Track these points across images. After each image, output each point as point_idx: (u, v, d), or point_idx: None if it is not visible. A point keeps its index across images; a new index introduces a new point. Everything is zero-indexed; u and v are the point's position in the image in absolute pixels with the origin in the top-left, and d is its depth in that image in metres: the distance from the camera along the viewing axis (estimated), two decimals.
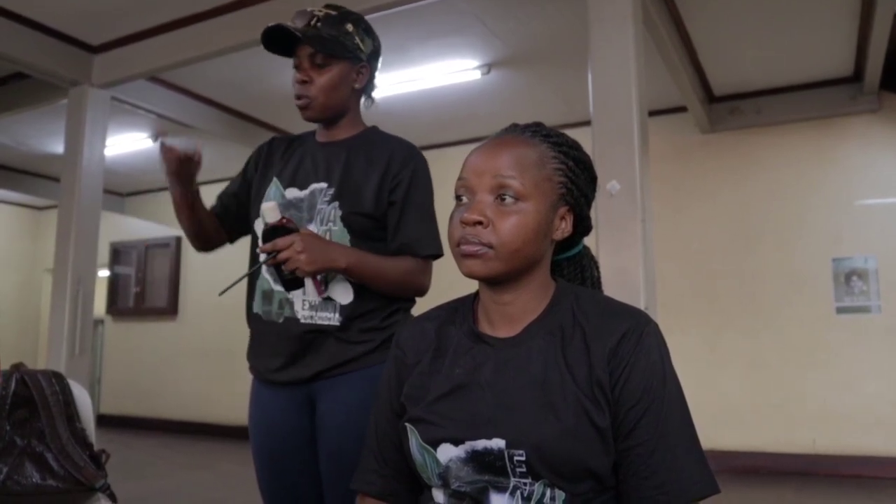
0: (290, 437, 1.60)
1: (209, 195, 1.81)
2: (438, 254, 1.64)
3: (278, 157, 1.74)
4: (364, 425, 1.19)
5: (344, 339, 1.56)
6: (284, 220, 1.51)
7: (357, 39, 1.65)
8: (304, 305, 1.57)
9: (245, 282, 1.70)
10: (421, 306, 1.41)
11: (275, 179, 1.69)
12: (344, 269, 1.51)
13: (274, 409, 1.63)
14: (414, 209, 1.62)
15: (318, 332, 1.56)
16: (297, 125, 1.73)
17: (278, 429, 1.62)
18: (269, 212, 1.50)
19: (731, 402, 5.27)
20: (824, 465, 4.95)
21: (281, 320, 1.59)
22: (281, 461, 1.62)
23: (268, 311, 1.62)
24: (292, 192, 1.65)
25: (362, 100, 1.76)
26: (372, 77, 1.73)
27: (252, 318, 1.68)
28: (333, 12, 1.64)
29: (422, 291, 1.66)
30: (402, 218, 1.61)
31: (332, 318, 1.56)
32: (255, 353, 1.67)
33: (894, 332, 4.94)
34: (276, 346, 1.60)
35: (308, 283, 1.54)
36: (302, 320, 1.56)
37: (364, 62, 1.68)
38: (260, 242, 1.54)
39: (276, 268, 1.50)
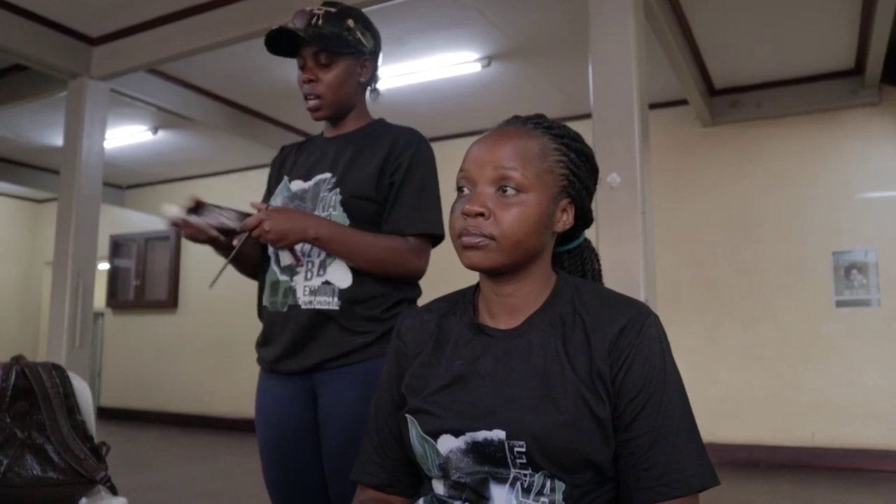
0: (295, 428, 1.61)
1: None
2: (429, 233, 1.62)
3: (290, 160, 1.78)
4: (365, 419, 1.19)
5: (346, 326, 1.56)
6: (191, 209, 1.55)
7: (358, 34, 1.66)
8: (305, 291, 1.58)
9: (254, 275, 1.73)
10: (422, 299, 1.40)
11: (285, 178, 1.72)
12: (314, 239, 1.52)
13: (279, 401, 1.64)
14: (408, 189, 1.62)
15: (319, 318, 1.56)
16: (298, 118, 1.74)
17: (284, 420, 1.62)
18: (168, 210, 1.54)
19: (729, 395, 5.28)
20: (823, 457, 4.97)
21: (285, 309, 1.60)
22: (286, 452, 1.62)
23: (274, 302, 1.63)
24: (297, 185, 1.67)
25: (367, 93, 1.77)
26: (375, 70, 1.75)
27: (262, 310, 1.70)
28: (333, 9, 1.65)
29: (413, 273, 1.62)
30: (396, 199, 1.61)
31: (330, 302, 1.56)
32: (262, 343, 1.69)
33: (893, 325, 4.95)
34: (279, 334, 1.61)
35: (287, 254, 1.59)
36: (303, 306, 1.57)
37: (367, 56, 1.70)
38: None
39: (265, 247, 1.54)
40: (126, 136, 6.43)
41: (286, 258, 1.60)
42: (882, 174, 5.10)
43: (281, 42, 1.65)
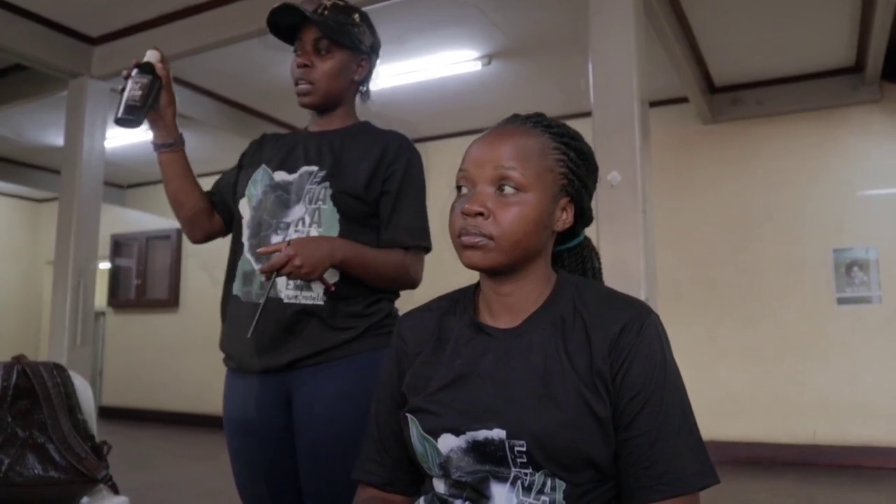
0: (267, 433, 1.56)
1: (208, 187, 1.81)
2: (429, 247, 1.64)
3: (269, 146, 1.74)
4: (345, 416, 1.17)
5: (329, 323, 1.52)
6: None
7: (362, 32, 1.66)
8: (289, 285, 1.52)
9: (224, 265, 1.67)
10: (420, 297, 1.40)
11: (263, 165, 1.67)
12: (340, 262, 1.48)
13: (249, 404, 1.57)
14: (408, 201, 1.60)
15: (302, 314, 1.52)
16: (297, 117, 1.73)
17: (254, 425, 1.57)
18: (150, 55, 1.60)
19: (731, 393, 5.28)
20: (825, 455, 4.97)
21: (262, 301, 1.49)
22: (254, 457, 1.58)
23: (247, 293, 1.57)
24: (281, 175, 1.63)
25: (357, 95, 1.75)
26: (370, 72, 1.73)
27: (230, 301, 1.62)
28: (341, 2, 1.65)
29: (415, 284, 1.63)
30: (396, 209, 1.60)
31: (316, 298, 1.52)
32: (230, 340, 1.61)
33: (895, 323, 4.94)
34: (253, 329, 1.48)
35: (319, 286, 1.52)
36: (286, 300, 1.52)
37: (365, 55, 1.69)
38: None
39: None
40: (127, 135, 6.42)
41: (316, 287, 1.53)
42: (883, 171, 5.10)
43: (283, 23, 1.63)
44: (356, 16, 1.65)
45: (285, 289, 1.53)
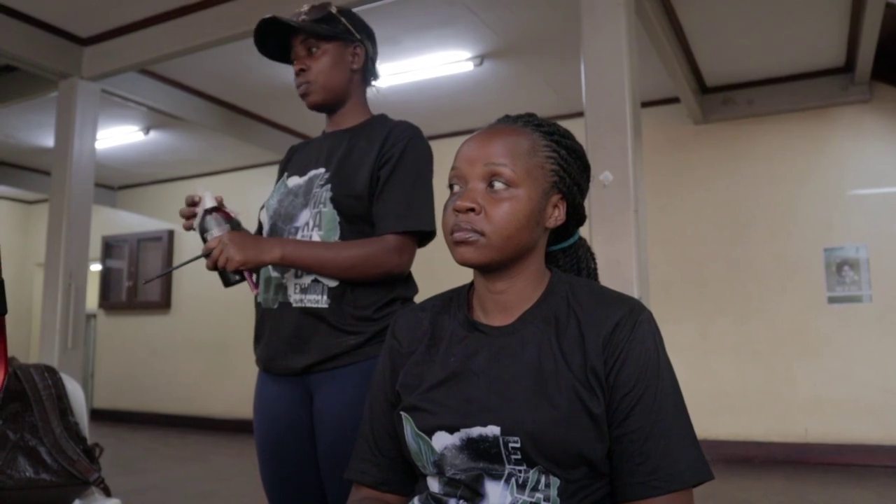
0: (290, 428, 1.60)
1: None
2: (412, 230, 1.57)
3: (294, 158, 1.79)
4: (358, 420, 1.18)
5: (336, 325, 1.54)
6: (218, 207, 1.52)
7: (344, 21, 1.68)
8: (296, 289, 1.56)
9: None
10: (419, 298, 1.39)
11: (284, 175, 1.72)
12: (279, 260, 1.48)
13: (274, 401, 1.62)
14: (393, 186, 1.57)
15: (309, 316, 1.54)
16: (289, 118, 1.74)
17: (280, 421, 1.61)
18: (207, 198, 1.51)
19: (723, 391, 5.30)
20: (816, 453, 4.99)
21: (276, 306, 1.59)
22: (281, 452, 1.61)
23: (266, 298, 1.62)
24: (293, 181, 1.67)
25: (367, 88, 1.77)
26: (369, 59, 1.74)
27: (256, 307, 1.69)
28: (317, 3, 1.70)
29: (392, 272, 1.56)
30: (381, 195, 1.57)
31: (320, 301, 1.55)
32: (257, 342, 1.68)
33: (885, 321, 4.97)
34: (271, 332, 1.60)
35: (323, 291, 1.56)
36: (294, 304, 1.56)
37: (356, 42, 1.70)
38: (200, 231, 1.56)
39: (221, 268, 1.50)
40: (117, 136, 6.40)
41: (289, 278, 1.59)
42: (873, 171, 5.13)
43: (270, 43, 1.69)
44: (332, 9, 1.69)
45: (293, 293, 1.57)
